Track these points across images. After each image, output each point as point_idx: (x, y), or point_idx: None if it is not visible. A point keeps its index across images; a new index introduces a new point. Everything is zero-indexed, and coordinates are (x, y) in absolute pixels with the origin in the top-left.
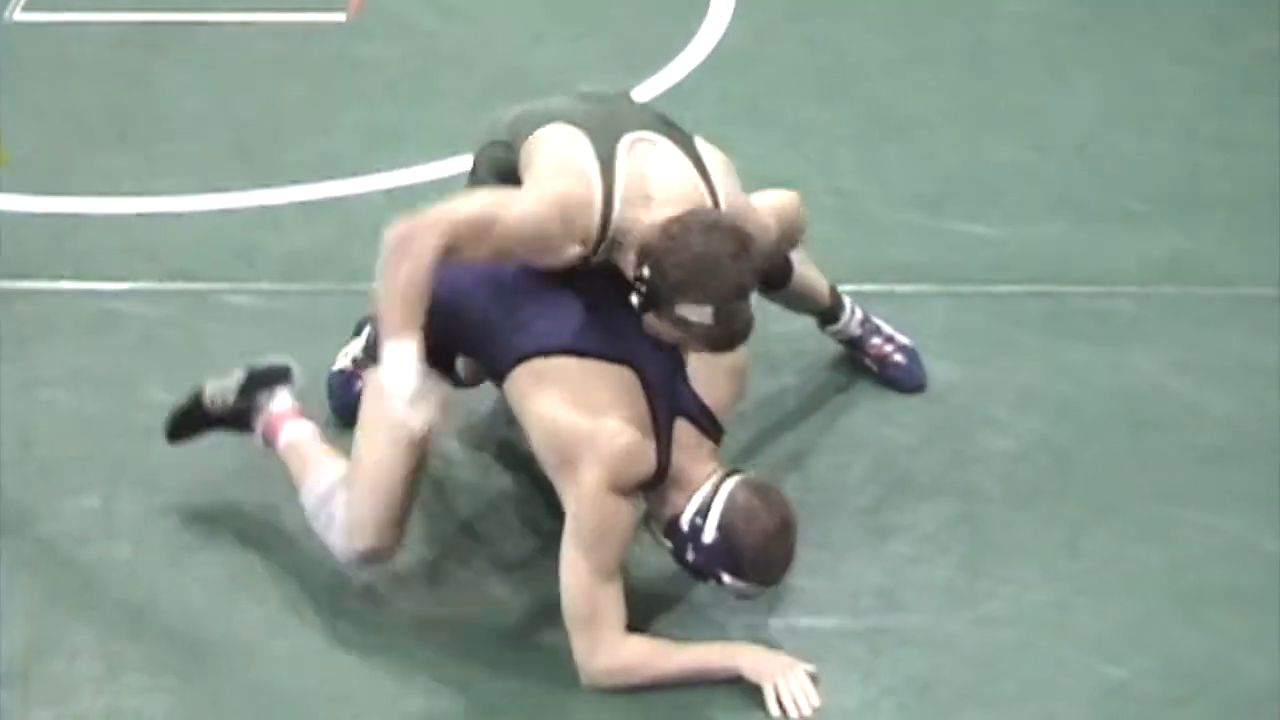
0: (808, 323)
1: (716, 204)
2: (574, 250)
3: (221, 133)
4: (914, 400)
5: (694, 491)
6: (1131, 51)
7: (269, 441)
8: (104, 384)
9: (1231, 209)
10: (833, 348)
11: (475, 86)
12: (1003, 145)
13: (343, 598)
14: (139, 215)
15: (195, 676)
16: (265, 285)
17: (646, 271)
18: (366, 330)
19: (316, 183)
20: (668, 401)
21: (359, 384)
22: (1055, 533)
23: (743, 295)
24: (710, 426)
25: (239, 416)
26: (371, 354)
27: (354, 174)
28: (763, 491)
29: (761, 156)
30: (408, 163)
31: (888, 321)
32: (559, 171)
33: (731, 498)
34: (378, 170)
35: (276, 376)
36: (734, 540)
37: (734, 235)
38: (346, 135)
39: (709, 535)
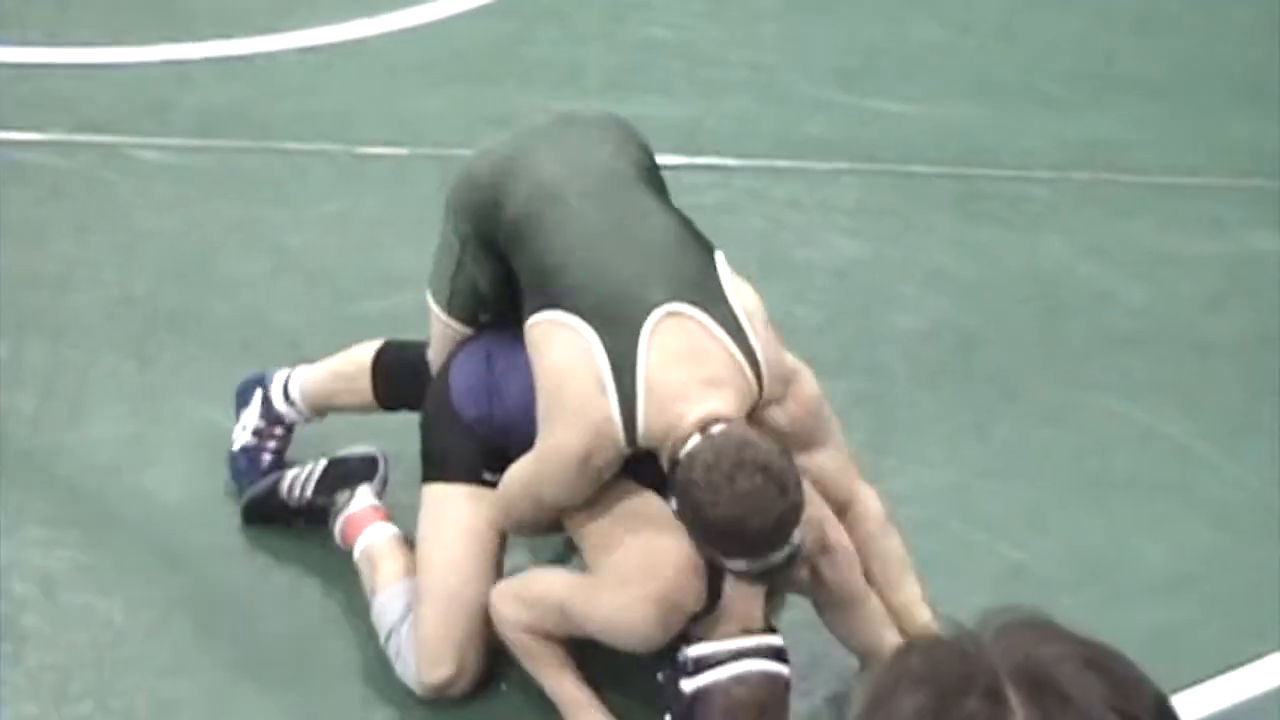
0: (717, 197)
1: (759, 376)
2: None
3: None
4: (823, 278)
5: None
6: None
7: (346, 546)
8: (12, 235)
9: (1148, 95)
10: (744, 223)
11: None
12: (924, 23)
13: None
14: (48, 65)
15: (99, 532)
16: (176, 140)
17: (676, 504)
18: (257, 397)
19: (231, 39)
20: None
21: (266, 456)
22: (961, 414)
23: (779, 546)
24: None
25: (317, 512)
26: (270, 417)
27: (269, 31)
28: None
29: (682, 26)
30: (323, 21)
31: (799, 198)
32: (573, 425)
33: None
34: (293, 28)
35: (359, 473)
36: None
37: (763, 475)
38: None
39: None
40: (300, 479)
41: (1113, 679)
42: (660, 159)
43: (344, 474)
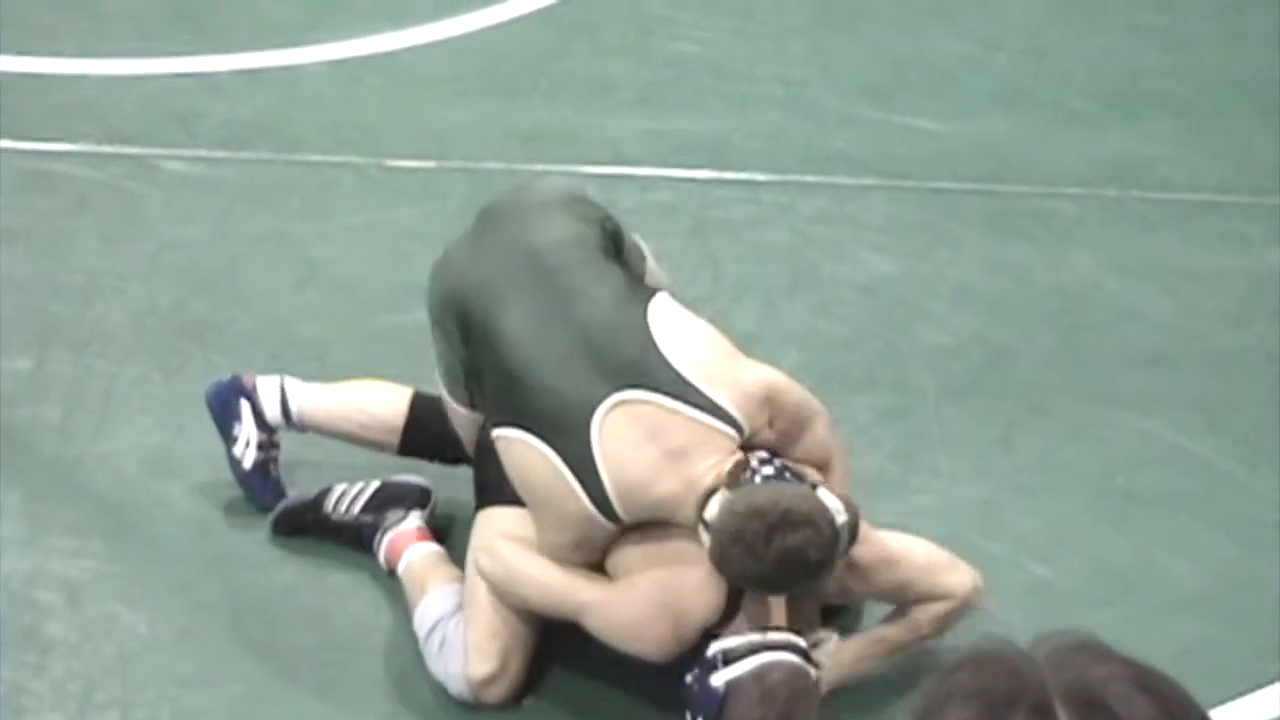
0: (746, 212)
1: (734, 422)
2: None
3: None
4: (851, 293)
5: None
6: None
7: (390, 563)
8: (39, 245)
9: (1175, 111)
10: (772, 238)
11: None
12: (952, 39)
13: None
14: (78, 76)
15: (122, 542)
16: (204, 152)
17: (711, 552)
18: (245, 410)
19: (259, 50)
20: None
21: (271, 467)
22: (988, 429)
23: (818, 581)
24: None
25: (360, 530)
26: (265, 428)
27: (297, 44)
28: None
29: (711, 41)
30: (352, 34)
31: (828, 213)
32: (560, 527)
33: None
34: (321, 40)
35: (411, 498)
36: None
37: (803, 529)
38: (291, 4)
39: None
40: (349, 495)
41: (1162, 701)
42: (688, 174)
43: (396, 495)
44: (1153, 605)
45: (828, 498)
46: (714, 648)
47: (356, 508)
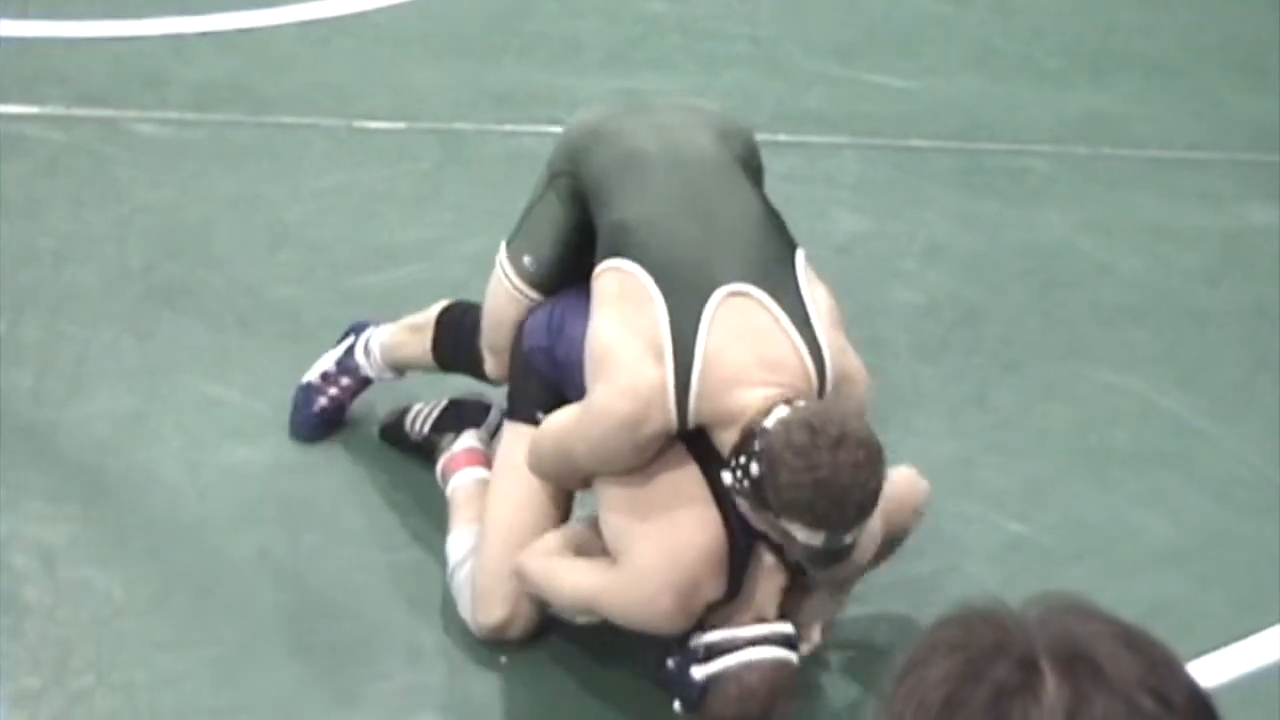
0: None
1: (821, 370)
2: (654, 449)
3: None
4: (823, 252)
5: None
6: None
7: (445, 481)
8: (9, 209)
9: (1145, 68)
10: None
11: None
12: None
13: (248, 433)
14: (46, 39)
15: (98, 506)
16: (174, 114)
17: (754, 469)
18: (346, 342)
19: (229, 12)
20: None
21: (322, 400)
22: (962, 387)
23: (860, 521)
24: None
25: (429, 448)
26: (343, 365)
27: (268, 5)
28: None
29: (680, 0)
30: None
31: (800, 171)
32: (623, 387)
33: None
34: (292, 2)
35: (469, 417)
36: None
37: (865, 450)
38: None
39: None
40: (422, 414)
41: (1149, 660)
42: None
43: (457, 416)
44: (1128, 561)
45: None
46: (697, 639)
47: (426, 427)
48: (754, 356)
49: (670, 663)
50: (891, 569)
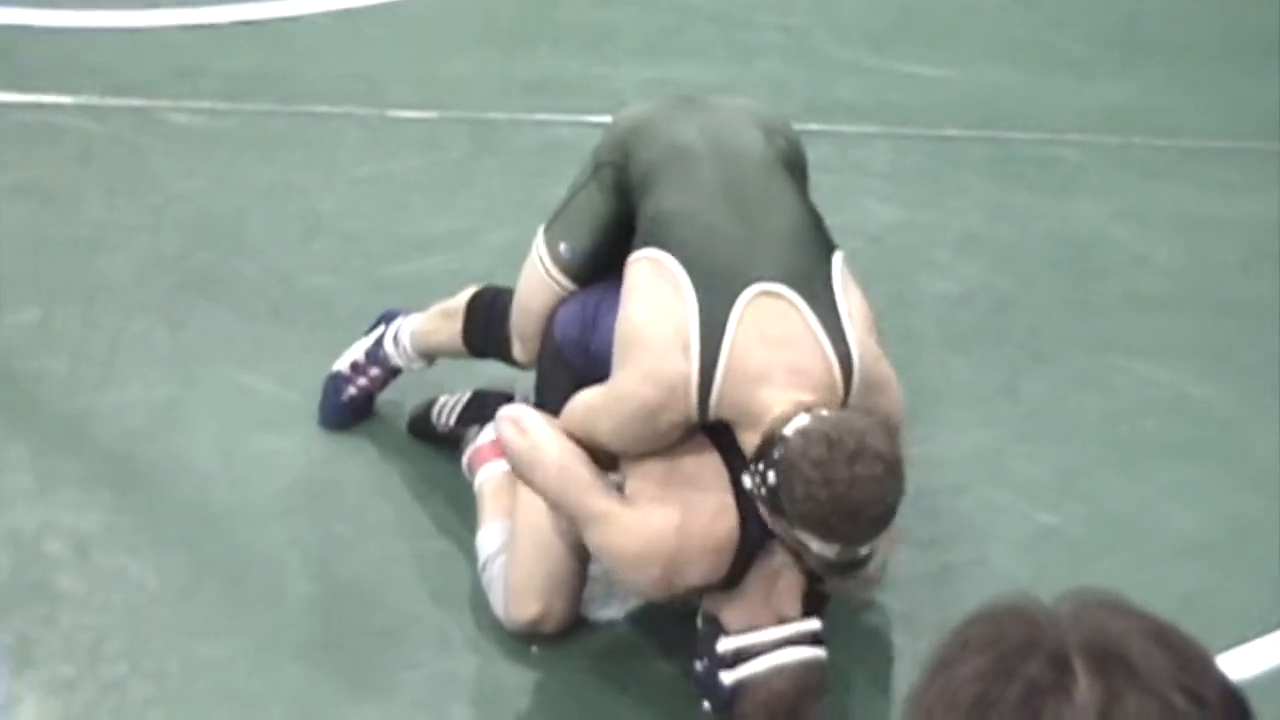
0: None
1: (849, 378)
2: (675, 436)
3: None
4: (855, 242)
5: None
6: None
7: (470, 475)
8: (43, 199)
9: (1175, 57)
10: None
11: None
12: None
13: (280, 422)
14: (80, 29)
15: (130, 495)
16: (208, 104)
17: (771, 477)
18: (376, 332)
19: (261, 2)
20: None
21: (351, 389)
22: (993, 378)
23: (876, 535)
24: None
25: (456, 441)
26: (373, 356)
27: None
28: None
29: None
30: None
31: (831, 161)
32: (646, 372)
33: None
34: None
35: (493, 408)
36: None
37: (883, 465)
38: None
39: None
40: (448, 406)
41: (1182, 657)
42: None
43: (481, 408)
44: (1158, 552)
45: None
46: (726, 643)
47: (453, 420)
48: (780, 358)
49: (698, 666)
50: (921, 559)
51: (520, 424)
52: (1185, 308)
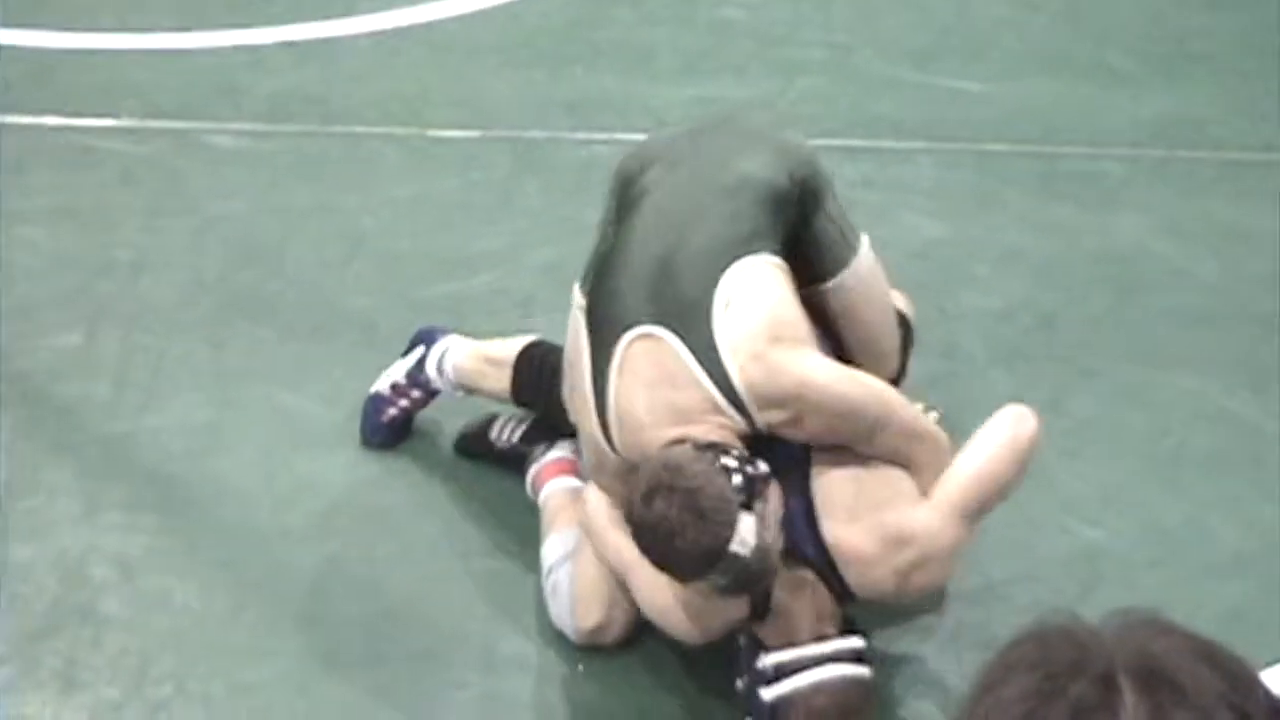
0: None
1: (739, 403)
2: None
3: None
4: (898, 257)
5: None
6: None
7: (535, 492)
8: (85, 222)
9: (1218, 70)
10: None
11: None
12: (993, 1)
13: (322, 443)
14: (120, 51)
15: (174, 517)
16: (247, 125)
17: None
18: (416, 353)
19: (301, 23)
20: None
21: (391, 410)
22: (1037, 393)
23: (702, 574)
24: (831, 576)
25: (518, 458)
26: (414, 378)
27: (339, 15)
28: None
29: (754, 6)
30: (393, 4)
31: (874, 177)
32: (582, 434)
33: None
34: (362, 12)
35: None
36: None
37: (692, 506)
38: None
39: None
40: (510, 423)
41: (1228, 675)
42: None
43: (549, 426)
44: (1202, 567)
45: (745, 521)
46: (766, 660)
47: (516, 436)
48: (660, 398)
49: (740, 683)
50: (965, 576)
51: (584, 496)
52: (1228, 322)
